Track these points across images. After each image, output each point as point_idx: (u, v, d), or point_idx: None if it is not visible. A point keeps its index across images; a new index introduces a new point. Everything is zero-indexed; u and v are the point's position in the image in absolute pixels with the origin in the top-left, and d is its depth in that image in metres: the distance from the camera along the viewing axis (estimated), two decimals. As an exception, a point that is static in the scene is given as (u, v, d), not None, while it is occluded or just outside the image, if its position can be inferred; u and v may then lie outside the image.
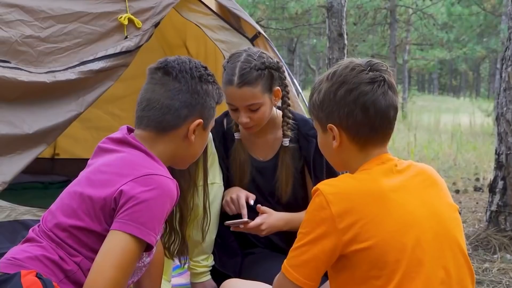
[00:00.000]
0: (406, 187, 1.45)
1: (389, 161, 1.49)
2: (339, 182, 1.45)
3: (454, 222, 1.49)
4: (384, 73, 1.48)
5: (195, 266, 2.35)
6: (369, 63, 1.50)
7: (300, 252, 1.40)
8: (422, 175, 1.52)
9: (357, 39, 17.64)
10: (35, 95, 2.51)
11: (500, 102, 3.73)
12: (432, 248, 1.40)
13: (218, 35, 3.13)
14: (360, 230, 1.35)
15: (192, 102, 1.60)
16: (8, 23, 2.54)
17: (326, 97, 1.49)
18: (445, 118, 14.96)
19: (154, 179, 1.47)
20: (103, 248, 1.40)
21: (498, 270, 3.19)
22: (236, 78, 2.08)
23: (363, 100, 1.45)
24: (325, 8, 6.16)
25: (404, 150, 8.47)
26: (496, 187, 3.74)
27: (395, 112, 1.50)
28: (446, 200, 1.53)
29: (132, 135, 1.61)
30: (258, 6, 14.59)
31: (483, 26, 20.36)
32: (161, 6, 2.82)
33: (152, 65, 1.65)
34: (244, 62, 2.10)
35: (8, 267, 1.44)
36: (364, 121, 1.46)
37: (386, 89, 1.47)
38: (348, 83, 1.46)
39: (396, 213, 1.39)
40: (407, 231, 1.38)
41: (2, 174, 2.38)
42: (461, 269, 1.44)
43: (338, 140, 1.49)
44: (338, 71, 1.49)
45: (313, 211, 1.41)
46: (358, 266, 1.37)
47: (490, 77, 33.50)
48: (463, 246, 1.48)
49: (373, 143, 1.49)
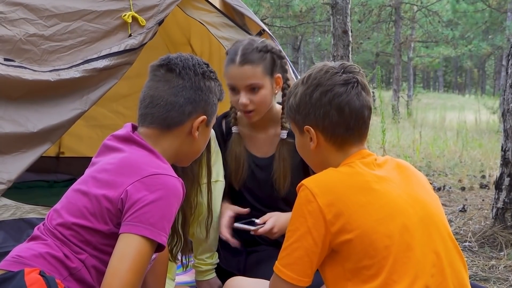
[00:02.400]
0: (387, 178, 1.50)
1: (368, 155, 1.55)
2: (323, 176, 1.50)
3: (437, 208, 1.54)
4: (357, 74, 1.55)
5: (200, 264, 2.35)
6: (342, 65, 1.56)
7: (291, 250, 1.42)
8: (400, 168, 1.58)
9: (361, 37, 17.63)
10: (39, 94, 2.51)
11: (506, 99, 3.71)
12: (420, 232, 1.43)
13: (222, 33, 3.12)
14: (347, 220, 1.39)
15: (196, 99, 1.61)
16: (12, 21, 2.54)
17: (302, 100, 1.56)
18: (450, 116, 14.90)
19: (160, 179, 1.47)
20: (117, 252, 1.40)
21: (504, 267, 3.17)
22: (238, 57, 2.12)
23: (338, 101, 1.51)
24: (329, 6, 6.15)
25: (409, 148, 8.44)
26: (502, 184, 3.72)
27: (369, 111, 1.56)
28: (427, 189, 1.57)
29: (136, 133, 1.60)
30: (263, 4, 14.58)
31: (488, 23, 20.25)
32: (165, 4, 2.81)
33: (154, 62, 1.65)
34: (247, 44, 2.16)
35: (12, 265, 1.44)
36: (340, 121, 1.52)
37: (360, 90, 1.53)
38: (323, 85, 1.52)
39: (380, 201, 1.43)
40: (393, 218, 1.42)
41: (7, 172, 2.38)
42: (450, 252, 1.48)
43: (315, 141, 1.55)
44: (313, 75, 1.56)
45: (300, 206, 1.44)
46: (348, 258, 1.40)
47: (495, 74, 33.39)
48: (449, 229, 1.53)
49: (350, 143, 1.55)
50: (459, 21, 20.57)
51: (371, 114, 1.58)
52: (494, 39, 21.18)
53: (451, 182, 5.98)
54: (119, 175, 1.48)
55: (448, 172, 6.60)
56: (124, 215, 1.44)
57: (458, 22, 20.91)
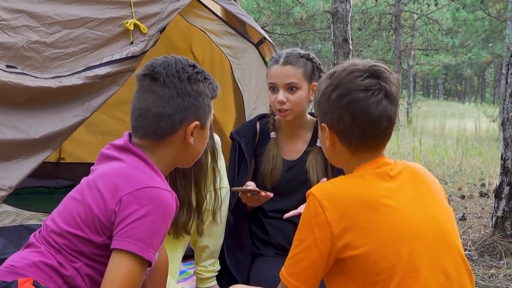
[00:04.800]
0: (401, 192, 1.44)
1: (385, 165, 1.47)
2: (333, 186, 1.45)
3: (451, 226, 1.48)
4: (383, 80, 1.44)
5: (202, 271, 2.35)
6: (370, 68, 1.45)
7: (297, 260, 1.40)
8: (416, 180, 1.49)
9: (362, 44, 17.65)
10: (41, 100, 2.52)
11: (506, 108, 3.72)
12: (430, 253, 1.39)
13: (223, 40, 3.14)
14: (353, 237, 1.35)
15: (185, 106, 1.55)
16: (15, 28, 2.56)
17: (322, 98, 1.50)
18: (450, 123, 14.91)
19: (152, 192, 1.44)
20: (108, 272, 1.40)
21: (504, 276, 3.17)
22: (282, 59, 2.30)
23: (354, 108, 1.42)
24: (330, 14, 6.17)
25: (409, 155, 8.44)
26: (502, 192, 3.72)
27: (388, 121, 1.45)
28: (442, 203, 1.51)
29: (133, 142, 1.59)
30: (263, 12, 14.60)
31: (488, 31, 20.29)
32: (167, 12, 2.83)
33: (139, 72, 1.59)
34: (291, 50, 2.35)
35: (6, 275, 1.44)
36: (353, 128, 1.45)
37: (381, 98, 1.43)
38: (342, 88, 1.44)
39: (390, 219, 1.38)
40: (402, 236, 1.37)
41: (8, 179, 2.38)
42: (460, 272, 1.44)
43: (330, 140, 1.50)
44: (337, 73, 1.48)
45: (308, 217, 1.40)
46: (353, 272, 1.37)
47: (495, 82, 33.44)
48: (461, 249, 1.48)
49: (365, 149, 1.48)
50: (459, 29, 20.59)
51: (393, 125, 1.48)
52: (494, 47, 21.19)
53: (451, 190, 5.98)
54: (113, 186, 1.47)
55: (448, 180, 6.60)
56: (115, 229, 1.43)
57: (458, 30, 20.93)
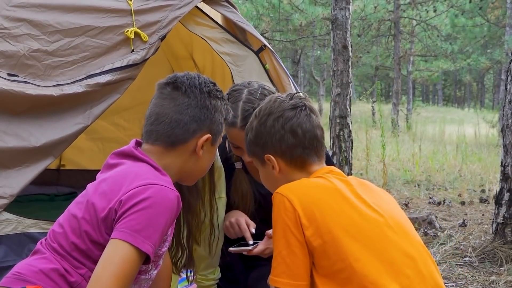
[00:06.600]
0: (354, 189, 1.57)
1: (330, 171, 1.64)
2: (296, 183, 1.57)
3: (404, 217, 1.61)
4: (303, 100, 1.68)
5: (202, 280, 2.35)
6: (289, 94, 1.71)
7: (281, 259, 1.45)
8: (363, 184, 1.65)
9: (361, 51, 17.70)
10: (42, 108, 2.52)
11: (506, 114, 3.73)
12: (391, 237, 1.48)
13: (224, 48, 3.15)
14: (319, 223, 1.44)
15: (201, 117, 1.62)
16: (16, 37, 2.56)
17: (258, 131, 1.67)
18: (449, 129, 14.92)
19: (153, 188, 1.46)
20: (101, 258, 1.40)
21: (505, 282, 3.17)
22: (239, 121, 2.06)
23: (290, 124, 1.63)
24: (329, 21, 6.19)
25: (409, 162, 8.45)
26: (502, 199, 3.73)
27: (321, 131, 1.68)
28: (393, 202, 1.66)
29: (139, 149, 1.61)
30: (263, 18, 14.65)
31: (487, 37, 20.37)
32: (167, 20, 2.83)
33: (162, 80, 1.67)
34: (246, 102, 2.07)
35: (13, 282, 1.44)
36: (296, 143, 1.62)
37: (309, 113, 1.65)
38: (274, 113, 1.65)
39: (351, 208, 1.50)
40: (367, 222, 1.48)
41: (9, 187, 2.38)
42: (423, 255, 1.51)
43: (277, 167, 1.65)
44: (263, 107, 1.69)
45: (279, 213, 1.48)
46: (321, 262, 1.43)
47: (494, 88, 33.49)
48: (419, 238, 1.58)
49: (309, 162, 1.65)
50: (458, 35, 20.67)
51: (324, 134, 1.70)
52: (492, 53, 21.26)
53: (451, 196, 5.98)
54: (116, 185, 1.49)
55: (448, 186, 6.60)
56: (115, 222, 1.44)
57: (457, 36, 21.01)
